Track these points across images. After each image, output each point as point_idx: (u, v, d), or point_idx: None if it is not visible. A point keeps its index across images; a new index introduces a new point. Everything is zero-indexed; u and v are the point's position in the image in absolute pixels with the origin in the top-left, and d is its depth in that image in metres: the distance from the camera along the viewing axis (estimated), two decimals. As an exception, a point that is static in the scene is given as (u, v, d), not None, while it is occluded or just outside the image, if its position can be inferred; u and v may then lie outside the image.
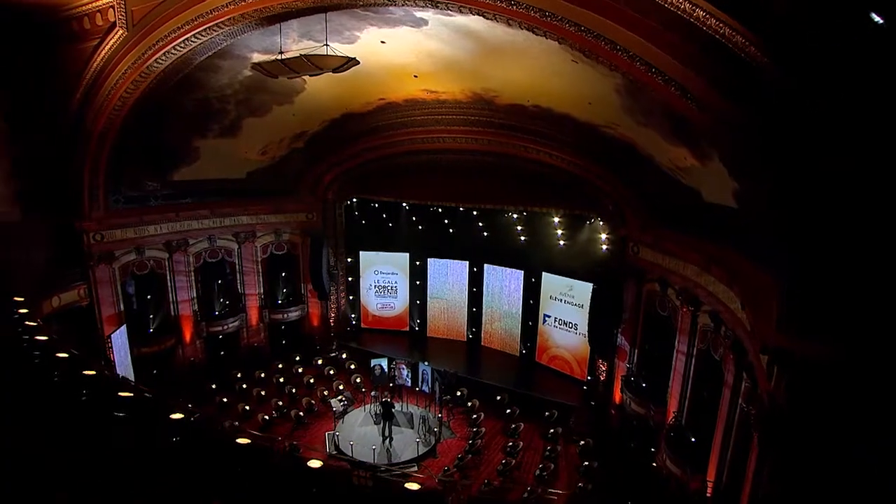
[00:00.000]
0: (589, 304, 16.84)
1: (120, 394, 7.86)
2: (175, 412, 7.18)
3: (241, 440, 6.58)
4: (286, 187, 20.75)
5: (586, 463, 14.12)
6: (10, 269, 13.90)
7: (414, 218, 21.84)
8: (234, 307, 19.93)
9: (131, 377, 15.42)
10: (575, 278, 18.51)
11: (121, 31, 12.44)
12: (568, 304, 18.99)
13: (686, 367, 12.68)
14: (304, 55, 10.34)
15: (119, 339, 15.04)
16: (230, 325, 19.61)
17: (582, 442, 15.26)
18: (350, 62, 10.42)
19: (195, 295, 18.80)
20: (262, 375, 18.91)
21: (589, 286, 17.14)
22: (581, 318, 18.17)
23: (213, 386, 17.78)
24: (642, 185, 14.56)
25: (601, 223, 16.67)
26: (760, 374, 7.68)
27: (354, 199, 21.97)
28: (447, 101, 16.37)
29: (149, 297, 17.53)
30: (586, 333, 17.29)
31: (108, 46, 12.82)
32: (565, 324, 19.16)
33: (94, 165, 15.12)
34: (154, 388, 16.74)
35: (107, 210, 16.03)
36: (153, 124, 15.62)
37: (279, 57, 10.82)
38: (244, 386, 18.10)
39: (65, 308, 15.12)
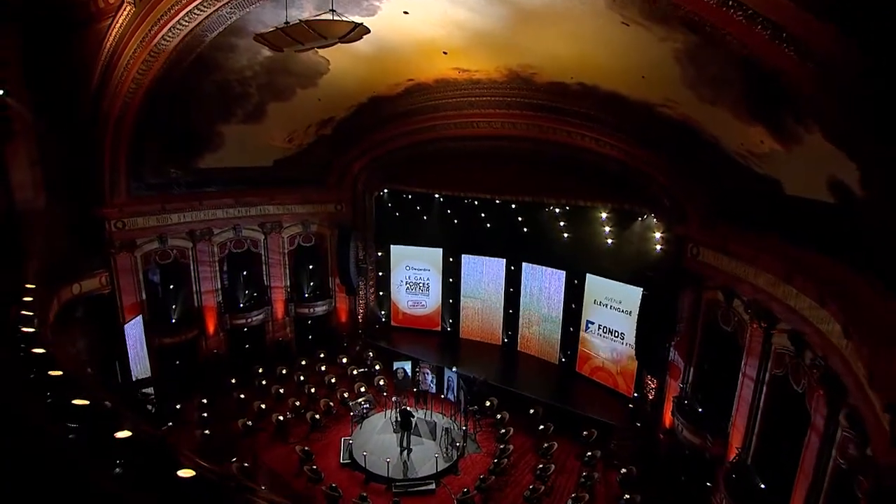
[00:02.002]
0: (638, 311, 14.79)
1: (74, 402, 6.86)
2: (123, 428, 6.04)
3: (183, 472, 5.27)
4: (314, 177, 19.90)
5: (627, 496, 12.22)
6: (32, 256, 13.78)
7: (448, 211, 20.41)
8: (259, 300, 19.37)
9: (147, 368, 15.10)
10: (623, 282, 16.42)
11: (129, 7, 11.75)
12: (614, 310, 16.92)
13: (755, 395, 10.49)
14: (305, 21, 9.09)
15: (134, 330, 14.67)
16: (254, 318, 19.04)
17: (624, 469, 13.34)
18: (357, 28, 9.04)
19: (219, 286, 18.32)
20: (284, 372, 18.21)
21: (638, 291, 15.07)
22: (628, 327, 16.08)
23: (233, 381, 17.22)
24: (705, 176, 12.37)
25: (655, 220, 14.53)
26: (878, 434, 5.54)
27: (385, 191, 20.79)
28: (481, 80, 14.76)
29: (171, 286, 17.17)
30: (633, 344, 15.21)
31: (118, 24, 12.20)
32: (610, 332, 17.11)
33: (114, 151, 14.77)
34: (174, 379, 16.57)
35: (128, 197, 15.70)
36: (174, 109, 15.10)
37: (279, 26, 9.63)
38: (264, 382, 17.44)
39: (85, 295, 14.88)
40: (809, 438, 8.23)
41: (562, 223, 17.54)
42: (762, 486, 9.62)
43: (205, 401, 15.81)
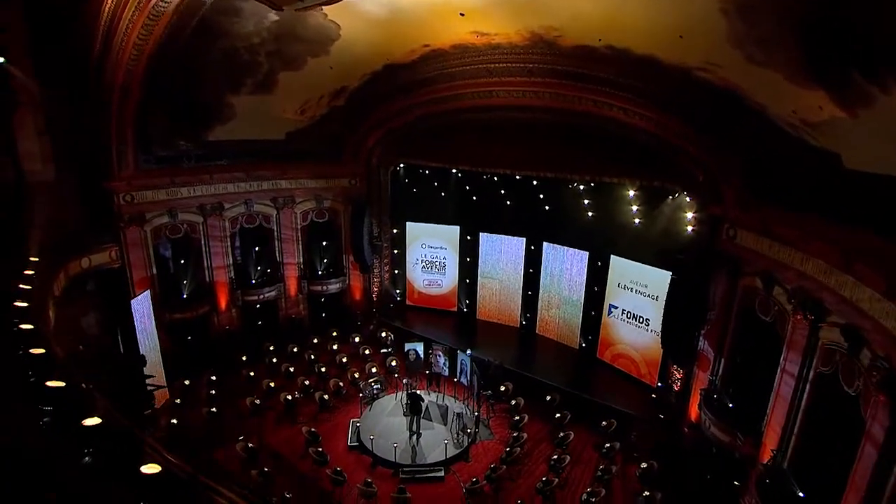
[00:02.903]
0: (665, 297, 13.76)
1: (48, 383, 6.42)
2: (93, 415, 5.57)
3: (148, 469, 4.72)
4: (327, 150, 19.22)
5: (647, 493, 11.45)
6: (37, 228, 13.58)
7: (466, 187, 19.53)
8: (271, 276, 19.02)
9: (156, 344, 14.93)
10: (650, 265, 15.38)
11: (124, -35, 11.09)
12: (640, 294, 15.90)
13: (795, 393, 9.48)
14: (301, -28, 8.26)
15: (141, 305, 14.44)
16: (267, 295, 18.74)
17: (644, 464, 12.58)
18: (358, -19, 8.17)
19: (231, 262, 18.00)
20: (295, 350, 17.92)
21: (666, 275, 14.03)
22: (654, 313, 15.10)
23: (244, 358, 17.02)
24: (747, 149, 11.14)
25: (687, 198, 13.36)
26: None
27: (401, 165, 19.99)
28: (501, 45, 13.67)
29: (182, 261, 16.91)
30: (659, 332, 14.25)
31: (116, -16, 11.55)
32: (635, 318, 16.13)
33: (120, 122, 14.36)
34: (186, 355, 16.44)
35: (136, 170, 15.33)
36: (181, 79, 14.56)
37: (275, -22, 8.84)
38: (274, 360, 17.19)
39: (95, 269, 14.69)
40: (864, 449, 7.26)
41: (586, 201, 16.49)
42: (800, 494, 8.72)
43: (213, 378, 15.66)
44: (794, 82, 7.90)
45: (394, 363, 17.23)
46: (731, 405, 11.64)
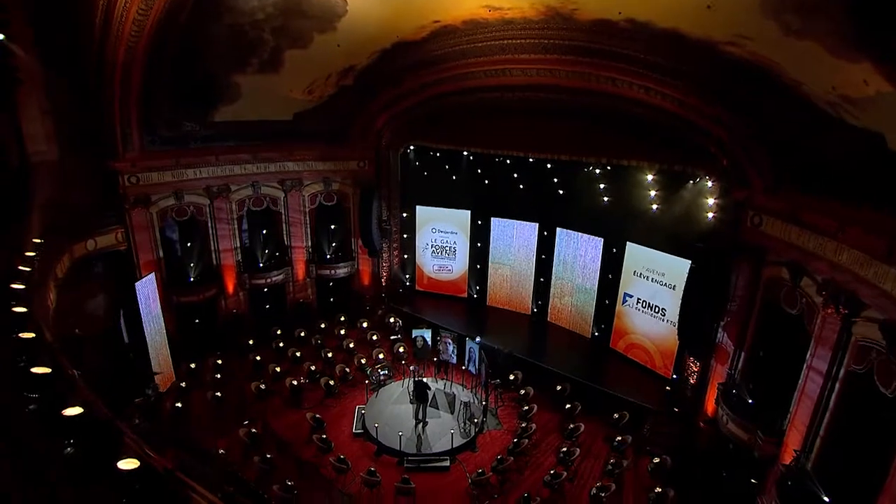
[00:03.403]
0: (683, 286, 13.17)
1: (33, 370, 6.16)
2: (72, 406, 5.27)
3: (125, 464, 4.40)
4: (336, 131, 18.74)
5: (658, 489, 11.04)
6: (39, 209, 13.43)
7: (478, 170, 18.99)
8: (279, 260, 18.80)
9: (161, 327, 14.81)
10: (667, 252, 14.76)
11: (120, -65, 10.63)
12: (656, 283, 15.30)
13: (823, 392, 8.91)
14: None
15: (146, 288, 14.29)
16: (274, 279, 18.54)
17: (656, 459, 12.18)
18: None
19: (238, 245, 17.78)
20: (303, 334, 17.75)
21: (685, 264, 13.43)
22: (671, 303, 14.52)
23: (251, 342, 16.89)
24: (776, 130, 10.38)
25: (709, 183, 12.66)
26: None
27: (411, 147, 19.46)
28: (514, 20, 12.94)
29: (189, 244, 16.72)
30: (676, 322, 13.67)
31: (113, -43, 11.12)
32: (650, 307, 15.55)
33: (124, 101, 14.05)
34: (192, 338, 16.36)
35: (142, 151, 15.07)
36: (185, 56, 14.13)
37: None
38: (281, 345, 17.04)
39: (101, 251, 14.58)
40: (899, 456, 6.75)
41: (601, 185, 15.86)
42: (826, 498, 8.22)
43: (219, 362, 15.56)
44: (835, 54, 7.17)
45: (401, 349, 16.98)
46: (750, 401, 11.10)
